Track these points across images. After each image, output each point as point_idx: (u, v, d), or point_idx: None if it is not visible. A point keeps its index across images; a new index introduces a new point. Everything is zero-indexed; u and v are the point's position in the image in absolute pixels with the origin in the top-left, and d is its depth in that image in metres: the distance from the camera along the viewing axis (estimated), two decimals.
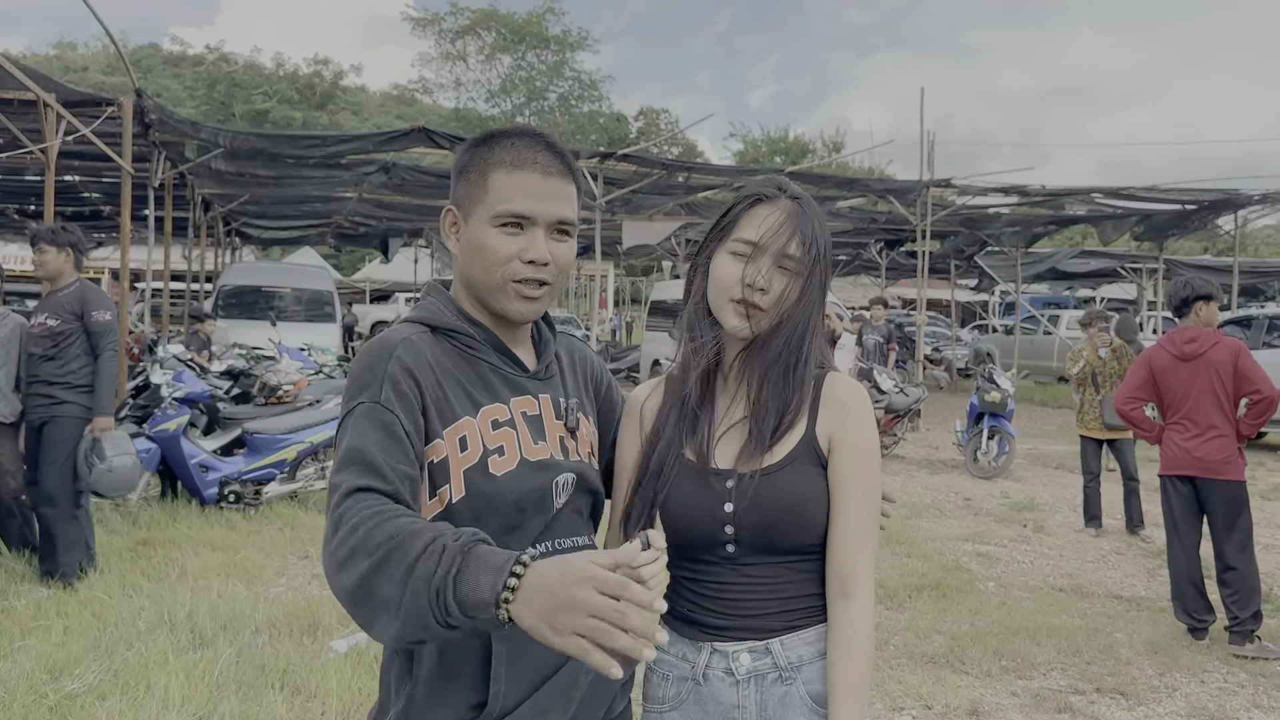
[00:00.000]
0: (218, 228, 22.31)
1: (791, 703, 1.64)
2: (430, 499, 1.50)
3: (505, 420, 1.57)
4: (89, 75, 44.28)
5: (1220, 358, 5.31)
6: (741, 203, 1.70)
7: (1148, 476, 8.36)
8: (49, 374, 5.57)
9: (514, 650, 1.49)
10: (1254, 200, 16.99)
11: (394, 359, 1.50)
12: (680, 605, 1.71)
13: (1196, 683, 4.78)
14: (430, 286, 1.71)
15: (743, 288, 1.63)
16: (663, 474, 1.66)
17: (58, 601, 5.12)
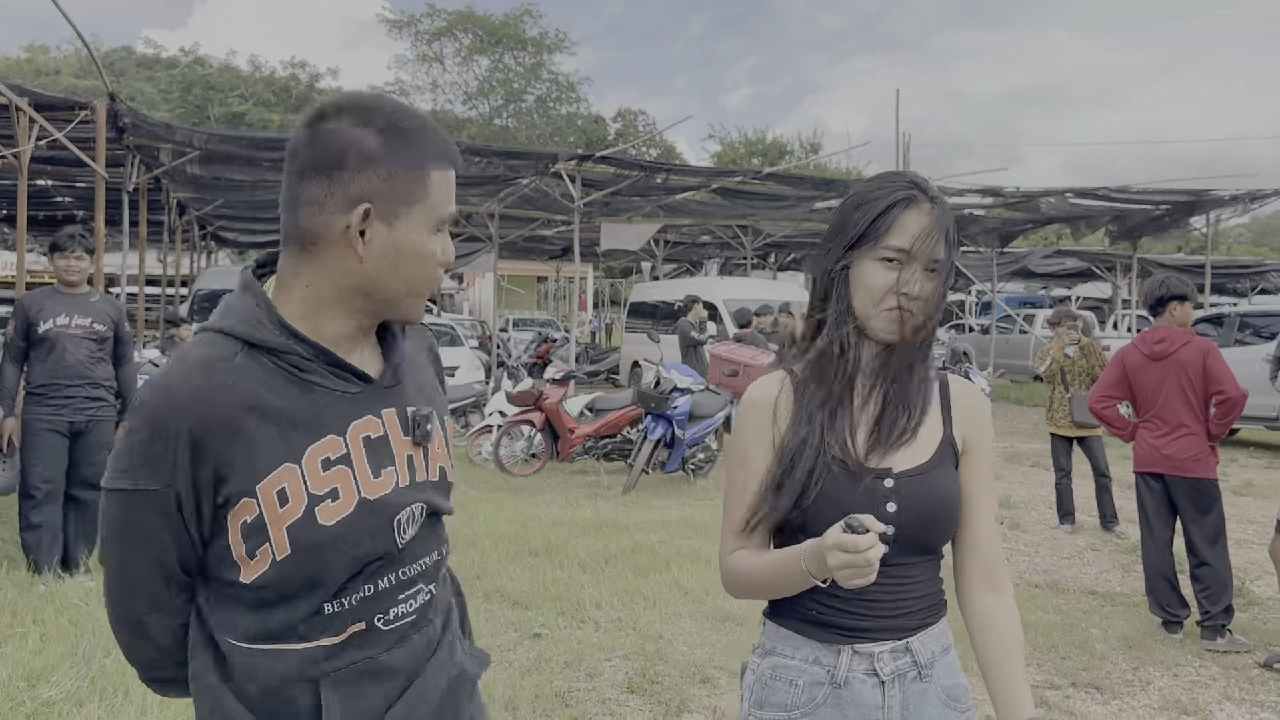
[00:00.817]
0: (193, 232, 22.17)
1: (929, 699, 1.67)
2: (251, 558, 1.32)
3: (339, 456, 1.35)
4: (61, 79, 43.86)
5: (1189, 358, 5.38)
6: (887, 206, 1.65)
7: (1122, 473, 8.46)
8: (97, 376, 5.82)
9: (349, 693, 1.38)
10: (1225, 201, 17.19)
11: (188, 429, 1.28)
12: (811, 609, 1.68)
13: (1169, 676, 4.84)
14: (247, 281, 1.41)
15: (899, 296, 1.64)
16: (814, 472, 1.63)
17: (34, 609, 5.08)
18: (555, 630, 5.17)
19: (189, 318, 13.67)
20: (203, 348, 1.34)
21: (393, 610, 1.43)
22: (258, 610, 1.36)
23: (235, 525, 1.32)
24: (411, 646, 1.45)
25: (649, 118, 50.69)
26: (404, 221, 1.35)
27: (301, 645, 1.37)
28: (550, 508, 8.34)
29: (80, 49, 42.20)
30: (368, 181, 1.33)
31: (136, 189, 13.75)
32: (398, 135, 1.35)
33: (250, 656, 1.37)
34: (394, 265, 1.36)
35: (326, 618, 1.37)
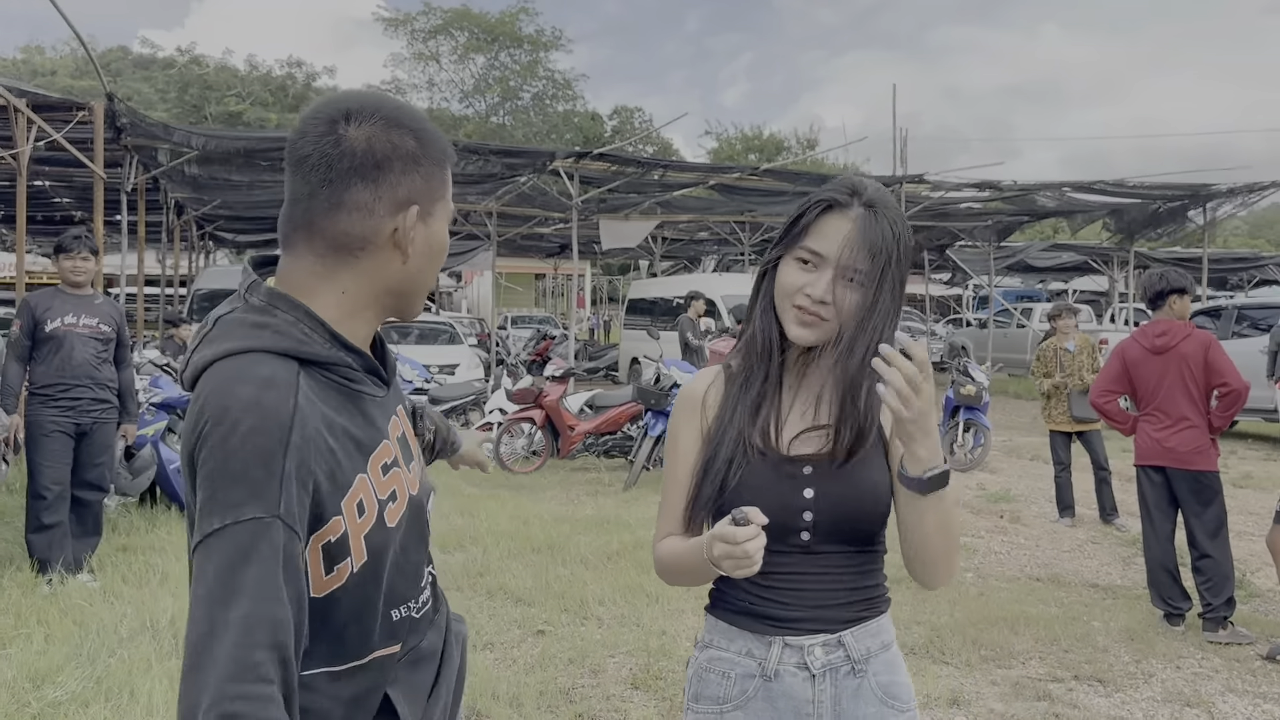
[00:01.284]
0: (191, 232, 22.15)
1: (864, 695, 1.67)
2: (327, 574, 1.25)
3: (391, 460, 1.36)
4: (58, 79, 43.78)
5: (1190, 350, 5.39)
6: (813, 208, 1.65)
7: (1122, 466, 8.48)
8: (105, 378, 5.84)
9: (406, 688, 1.41)
10: (1222, 194, 17.21)
11: (291, 445, 1.18)
12: (744, 599, 1.69)
13: (1172, 668, 4.86)
14: (274, 296, 1.31)
15: (803, 296, 1.63)
16: (734, 461, 1.65)
17: (38, 610, 5.09)
18: (558, 627, 5.18)
19: (188, 318, 13.67)
20: (260, 367, 1.23)
21: (420, 598, 1.46)
22: (329, 629, 1.29)
23: (317, 545, 1.25)
24: (437, 628, 1.51)
25: (645, 114, 50.68)
26: (435, 218, 1.38)
27: (377, 653, 1.35)
28: (551, 505, 8.35)
29: (76, 49, 42.16)
30: (413, 183, 1.34)
31: (134, 189, 13.74)
32: (425, 134, 1.37)
33: (336, 678, 1.32)
34: (430, 262, 1.39)
35: (396, 623, 1.38)
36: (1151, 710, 4.35)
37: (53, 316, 5.68)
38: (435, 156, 1.37)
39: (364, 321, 1.37)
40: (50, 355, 5.67)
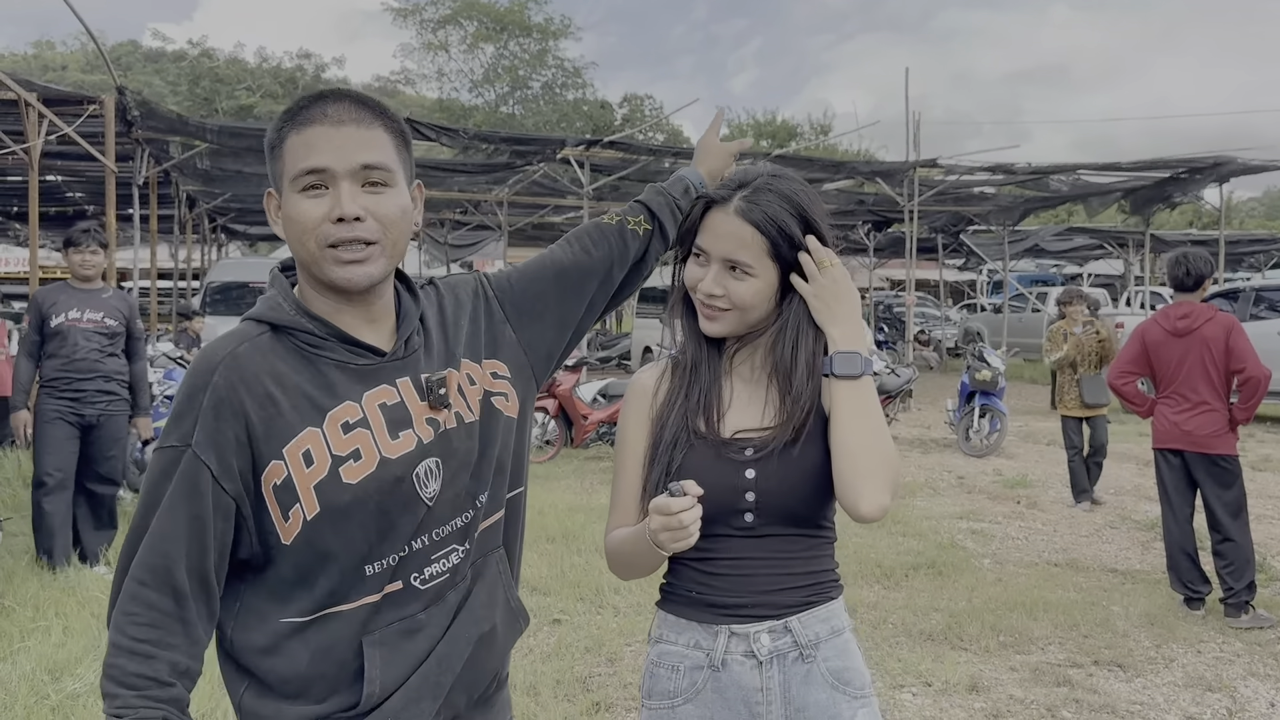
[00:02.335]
0: (203, 224, 22.21)
1: (814, 681, 1.66)
2: (285, 519, 1.40)
3: (357, 420, 1.43)
4: (68, 74, 43.92)
5: (1212, 334, 5.31)
6: (696, 208, 1.74)
7: (1139, 450, 8.43)
8: (109, 370, 5.80)
9: (390, 651, 1.46)
10: (1238, 167, 17.05)
11: (212, 386, 1.38)
12: (690, 588, 1.70)
13: (1193, 653, 4.82)
14: (274, 276, 1.55)
15: (699, 293, 1.70)
16: (676, 445, 1.67)
17: (56, 602, 5.11)
18: (575, 616, 5.17)
19: (201, 310, 13.70)
20: (235, 330, 1.48)
21: (427, 570, 1.50)
22: (304, 579, 1.43)
23: (268, 488, 1.40)
24: (446, 605, 1.52)
25: (655, 102, 50.48)
26: (283, 194, 1.46)
27: (346, 606, 1.44)
28: (566, 494, 8.35)
29: (87, 44, 42.24)
30: (272, 167, 1.49)
31: (146, 183, 13.76)
32: (280, 118, 1.47)
33: (303, 628, 1.44)
34: (289, 236, 1.46)
35: (367, 578, 1.45)
36: (1173, 695, 4.31)
37: (58, 311, 5.69)
38: (278, 135, 1.46)
39: (314, 296, 1.48)
40: (56, 350, 5.69)
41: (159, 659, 1.35)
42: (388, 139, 1.47)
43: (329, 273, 1.43)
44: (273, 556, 1.43)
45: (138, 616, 1.35)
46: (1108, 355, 8.28)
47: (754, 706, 1.65)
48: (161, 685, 1.35)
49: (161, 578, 1.36)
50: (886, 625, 5.11)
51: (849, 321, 1.64)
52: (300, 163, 1.42)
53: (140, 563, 1.37)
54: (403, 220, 1.47)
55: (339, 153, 1.41)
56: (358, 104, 1.46)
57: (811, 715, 1.66)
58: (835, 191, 19.96)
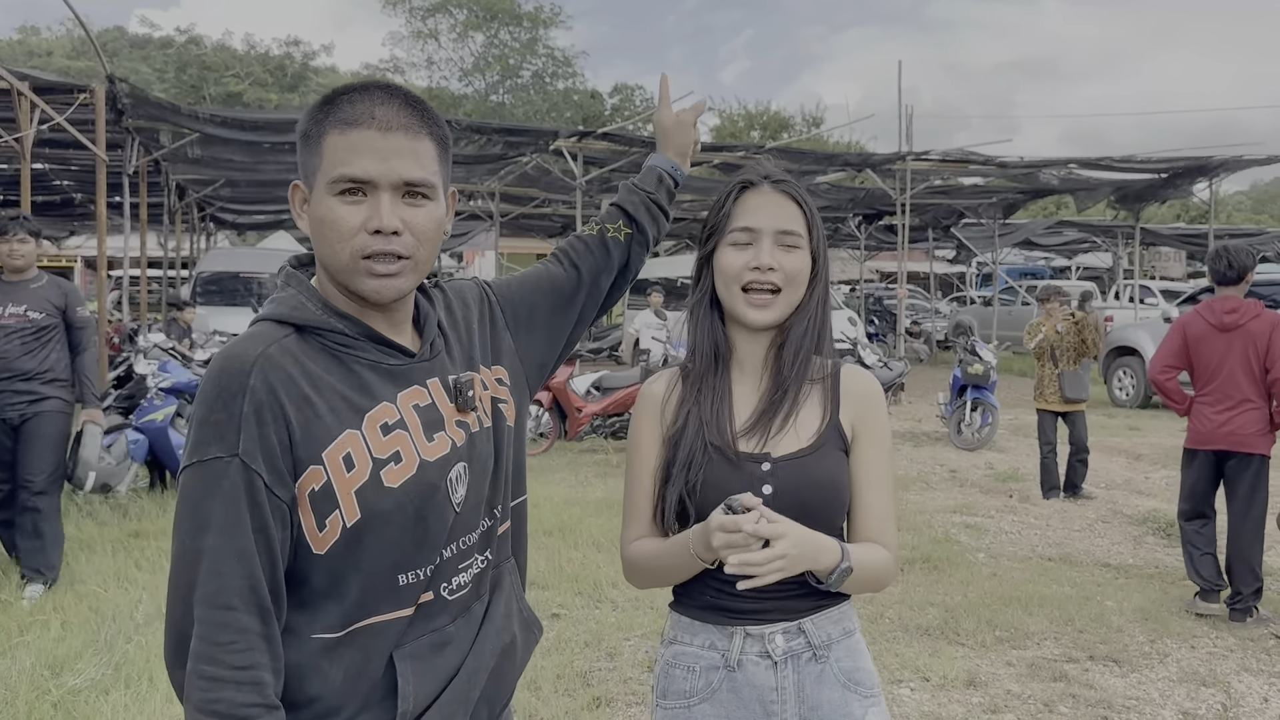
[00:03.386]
0: (193, 214, 22.10)
1: (827, 680, 1.70)
2: (321, 529, 1.34)
3: (395, 421, 1.40)
4: (54, 60, 43.56)
5: (1258, 330, 5.18)
6: (730, 195, 1.74)
7: (1143, 447, 8.48)
8: (28, 368, 5.31)
9: (422, 665, 1.42)
10: (1228, 162, 17.14)
11: (249, 390, 1.30)
12: (706, 594, 1.72)
13: (1187, 648, 4.86)
14: (288, 274, 1.47)
15: (749, 272, 1.68)
16: (693, 464, 1.68)
17: (54, 597, 5.09)
18: (573, 610, 5.18)
19: (192, 301, 13.65)
20: (254, 331, 1.40)
21: (455, 580, 1.48)
22: (336, 590, 1.38)
23: (304, 495, 1.34)
24: (471, 617, 1.51)
25: (646, 93, 50.37)
26: (315, 191, 1.40)
27: (378, 619, 1.40)
28: (560, 487, 8.35)
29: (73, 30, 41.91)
30: (303, 161, 1.42)
31: (136, 171, 13.68)
32: (318, 107, 1.41)
33: (335, 645, 1.38)
34: (318, 237, 1.40)
35: (401, 589, 1.41)
36: (1167, 690, 4.35)
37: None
38: (317, 128, 1.39)
39: (336, 293, 1.43)
40: None
41: (265, 684, 1.29)
42: (433, 149, 1.42)
43: (358, 283, 1.39)
44: (303, 569, 1.37)
45: (235, 644, 1.27)
46: (1088, 349, 8.36)
47: (769, 706, 1.68)
48: (271, 710, 1.29)
49: (249, 599, 1.28)
50: (883, 620, 5.14)
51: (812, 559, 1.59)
52: (341, 167, 1.36)
53: (220, 589, 1.27)
54: (437, 234, 1.44)
55: (384, 164, 1.36)
56: (407, 107, 1.40)
57: (825, 714, 1.69)
58: (827, 184, 19.98)
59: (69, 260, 27.89)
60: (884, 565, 1.71)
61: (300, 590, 1.38)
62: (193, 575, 1.29)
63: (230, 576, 1.28)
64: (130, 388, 7.60)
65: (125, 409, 7.48)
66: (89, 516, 6.69)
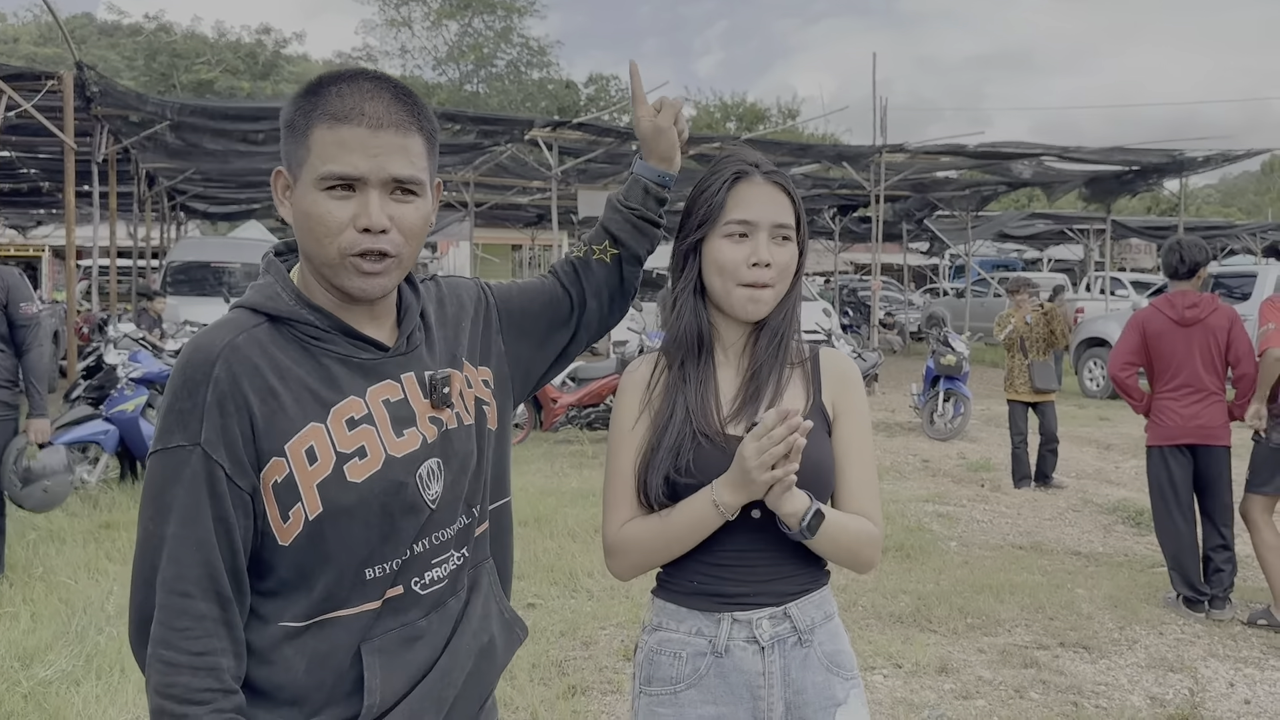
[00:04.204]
0: (163, 203, 21.86)
1: (811, 664, 1.72)
2: (285, 520, 1.35)
3: (362, 416, 1.39)
4: (20, 47, 42.89)
5: (1218, 323, 5.22)
6: (723, 185, 1.72)
7: (1111, 436, 8.56)
8: None
9: (389, 659, 1.42)
10: (1197, 162, 17.33)
11: (214, 380, 1.31)
12: (692, 579, 1.73)
13: (1155, 634, 4.93)
14: (269, 262, 1.48)
15: (749, 269, 1.68)
16: (681, 449, 1.68)
17: (23, 588, 5.04)
18: (549, 600, 5.19)
19: (162, 290, 13.51)
20: (227, 318, 1.41)
21: (427, 574, 1.46)
22: (302, 581, 1.38)
23: (267, 486, 1.35)
24: (446, 612, 1.49)
25: (621, 83, 50.23)
26: (300, 183, 1.38)
27: (345, 611, 1.39)
28: (536, 478, 8.35)
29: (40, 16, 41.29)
30: (286, 150, 1.41)
31: (105, 160, 13.52)
32: (305, 94, 1.39)
33: (300, 634, 1.38)
34: (301, 229, 1.39)
35: (368, 582, 1.40)
36: (1136, 675, 4.42)
37: None
38: (305, 118, 1.37)
39: (315, 285, 1.43)
40: None
41: (221, 669, 1.30)
42: (422, 145, 1.40)
43: (344, 280, 1.38)
44: (268, 559, 1.37)
45: (191, 630, 1.29)
46: (1056, 340, 8.45)
47: (756, 690, 1.69)
48: (227, 694, 1.31)
49: (206, 586, 1.30)
50: (856, 608, 5.18)
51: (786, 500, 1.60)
52: (330, 164, 1.34)
53: (179, 575, 1.30)
54: (423, 231, 1.43)
55: (374, 162, 1.34)
56: (396, 101, 1.38)
57: (809, 697, 1.71)
58: (801, 175, 20.02)
59: (36, 250, 27.54)
60: (866, 533, 1.72)
61: (268, 579, 1.38)
62: (155, 560, 1.31)
63: (189, 565, 1.30)
64: (100, 378, 7.53)
65: (95, 399, 7.41)
66: (60, 508, 6.61)
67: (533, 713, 3.89)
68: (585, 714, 3.92)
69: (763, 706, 1.70)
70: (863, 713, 1.75)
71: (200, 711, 1.28)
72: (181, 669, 1.28)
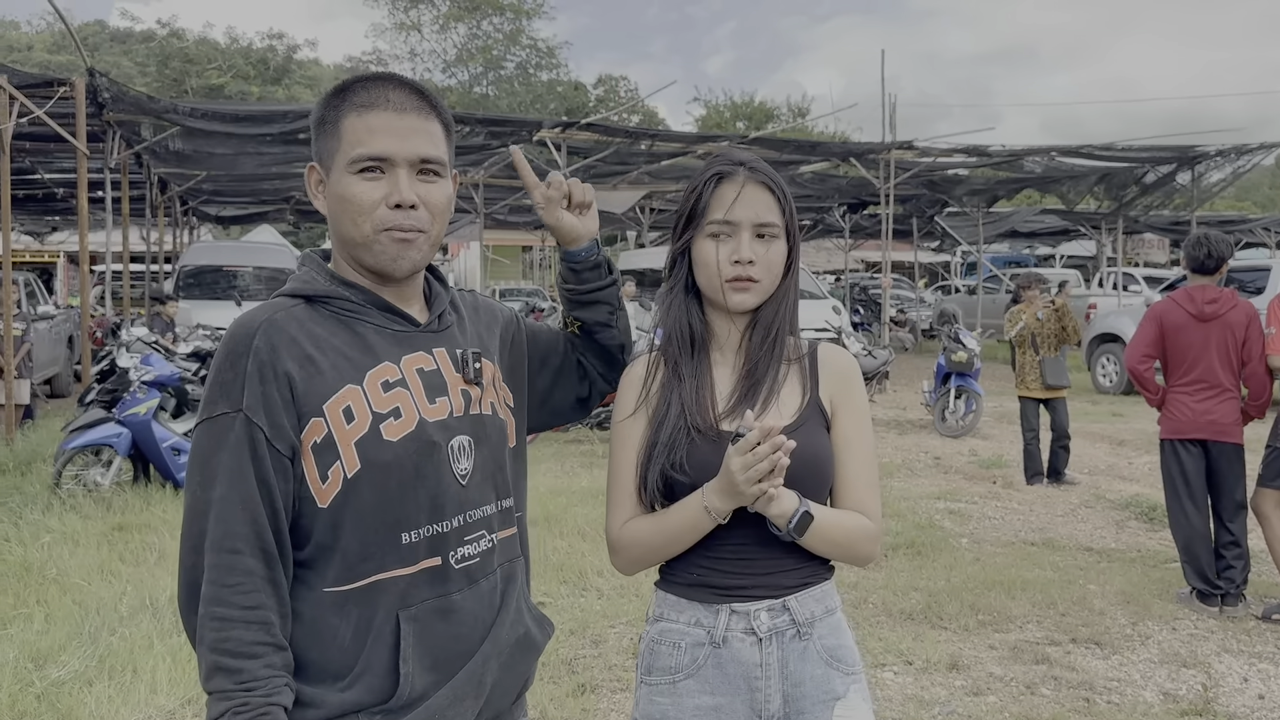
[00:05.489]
0: (175, 208, 21.97)
1: (810, 657, 1.72)
2: (324, 481, 1.42)
3: (396, 380, 1.47)
4: (34, 54, 43.21)
5: (1237, 319, 5.18)
6: (705, 185, 1.74)
7: (1128, 433, 8.52)
8: None
9: (423, 628, 1.46)
10: (1210, 155, 17.22)
11: (253, 350, 1.40)
12: (692, 571, 1.74)
13: (1168, 630, 4.91)
14: (305, 257, 1.60)
15: (731, 266, 1.71)
16: (675, 445, 1.70)
17: (37, 589, 5.08)
18: (558, 599, 5.20)
19: (175, 295, 13.57)
20: (266, 303, 1.51)
21: (460, 550, 1.51)
22: (340, 542, 1.43)
23: (307, 447, 1.42)
24: (478, 591, 1.54)
25: (630, 83, 50.32)
26: (333, 172, 1.50)
27: (384, 575, 1.44)
28: (546, 477, 8.36)
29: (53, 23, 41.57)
30: (319, 144, 1.53)
31: (117, 165, 13.59)
32: (333, 94, 1.52)
33: (344, 600, 1.43)
34: (337, 214, 1.50)
35: (403, 546, 1.46)
36: (1149, 671, 4.39)
37: None
38: (335, 113, 1.49)
39: (350, 269, 1.53)
40: None
41: (271, 624, 1.36)
42: (441, 131, 1.53)
43: (378, 255, 1.48)
44: (306, 525, 1.43)
45: (242, 585, 1.35)
46: (1069, 336, 8.41)
47: (753, 681, 1.70)
48: (278, 649, 1.36)
49: (253, 543, 1.36)
50: (867, 605, 5.17)
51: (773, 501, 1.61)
52: (361, 146, 1.46)
53: (227, 533, 1.36)
54: (448, 210, 1.54)
55: (402, 142, 1.46)
56: (416, 93, 1.51)
57: (807, 690, 1.71)
58: (810, 174, 20.00)
59: (52, 255, 27.70)
60: (860, 529, 1.72)
61: (307, 545, 1.44)
62: (203, 525, 1.37)
63: (236, 523, 1.36)
64: (113, 381, 7.56)
65: (108, 402, 7.45)
66: (73, 510, 6.66)
67: (542, 710, 3.89)
68: (595, 712, 3.93)
69: (760, 698, 1.70)
70: (864, 708, 1.75)
71: (254, 665, 1.33)
72: (235, 623, 1.33)
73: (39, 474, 7.69)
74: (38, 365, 11.55)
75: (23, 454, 8.45)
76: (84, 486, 7.15)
